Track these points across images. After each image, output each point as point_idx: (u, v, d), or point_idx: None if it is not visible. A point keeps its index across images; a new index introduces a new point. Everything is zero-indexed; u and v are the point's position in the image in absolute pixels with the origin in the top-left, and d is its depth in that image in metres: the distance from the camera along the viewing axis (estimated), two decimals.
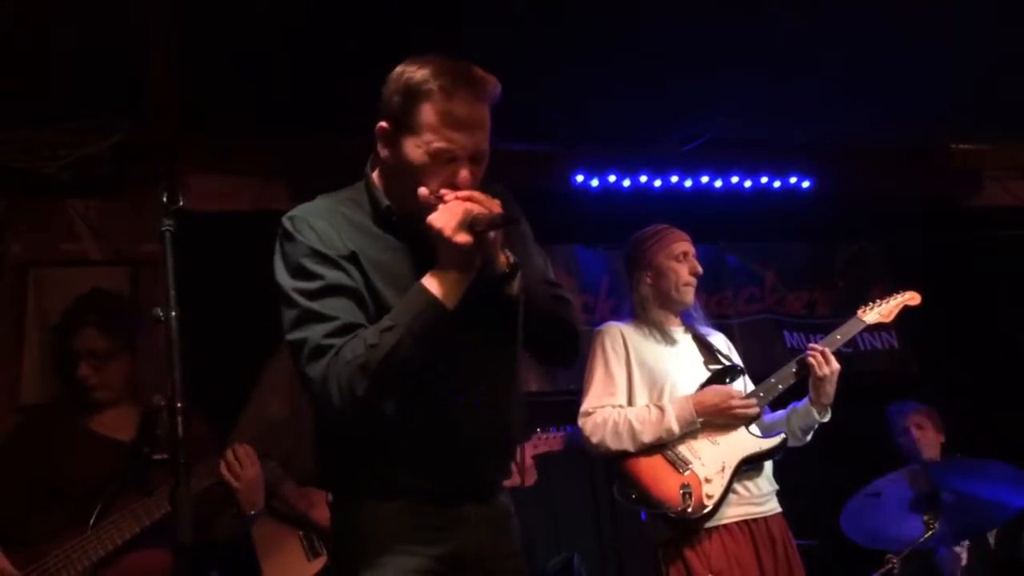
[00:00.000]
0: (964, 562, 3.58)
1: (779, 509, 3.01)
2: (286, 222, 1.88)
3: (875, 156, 4.80)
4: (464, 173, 1.82)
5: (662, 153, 4.70)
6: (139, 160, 3.92)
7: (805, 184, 4.91)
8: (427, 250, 1.82)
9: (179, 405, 1.68)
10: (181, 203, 1.80)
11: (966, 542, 3.58)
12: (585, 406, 3.04)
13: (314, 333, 1.76)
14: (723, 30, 3.57)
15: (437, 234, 1.75)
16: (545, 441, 3.66)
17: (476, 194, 1.79)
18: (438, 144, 1.80)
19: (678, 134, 4.58)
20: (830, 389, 3.02)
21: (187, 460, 1.65)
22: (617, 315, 3.50)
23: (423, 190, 1.81)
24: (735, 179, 4.85)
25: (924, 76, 4.07)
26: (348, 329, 1.76)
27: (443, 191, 1.80)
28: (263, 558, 3.16)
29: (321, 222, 1.86)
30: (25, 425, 2.99)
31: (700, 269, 3.18)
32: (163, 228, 1.79)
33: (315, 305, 1.78)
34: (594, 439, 2.97)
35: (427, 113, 1.80)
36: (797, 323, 4.95)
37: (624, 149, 4.64)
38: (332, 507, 2.02)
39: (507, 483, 3.21)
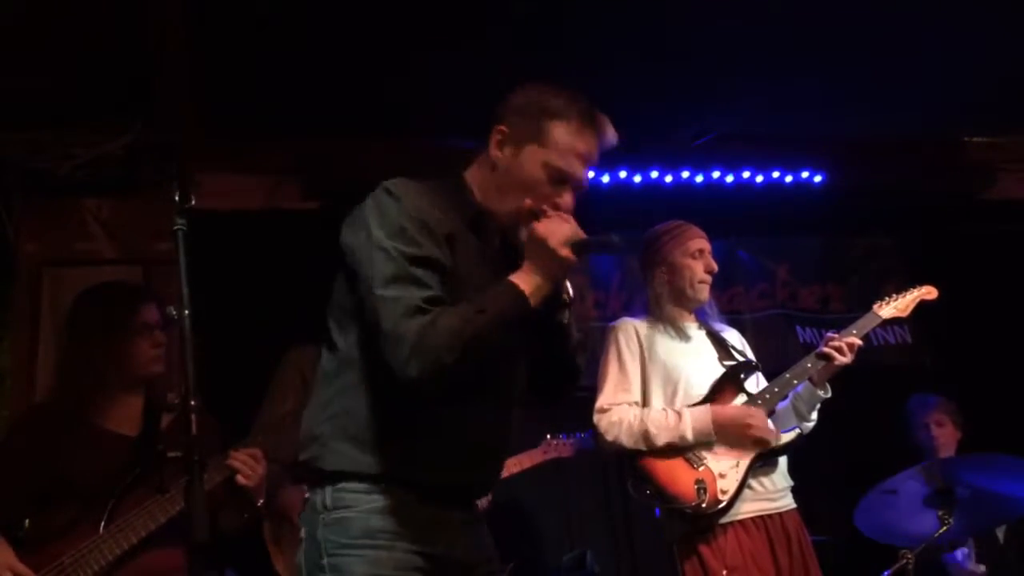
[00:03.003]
0: (983, 572, 3.59)
1: (794, 505, 3.00)
2: (390, 185, 1.90)
3: (888, 150, 4.76)
4: (568, 198, 1.94)
5: (673, 149, 4.69)
6: (151, 160, 3.93)
7: (817, 179, 4.89)
8: (502, 260, 1.92)
9: (193, 403, 1.68)
10: (193, 202, 1.81)
11: (983, 567, 3.60)
12: (600, 403, 3.03)
13: (412, 294, 1.77)
14: (734, 25, 3.56)
15: (541, 241, 1.83)
16: (555, 447, 3.64)
17: (573, 220, 1.89)
18: (559, 163, 1.91)
19: (689, 130, 4.56)
20: (834, 374, 3.03)
21: (201, 458, 1.66)
22: (628, 311, 3.48)
23: (528, 200, 1.90)
24: (746, 174, 4.82)
25: (937, 69, 4.04)
26: (441, 302, 1.80)
27: (546, 207, 1.90)
28: (275, 558, 3.18)
29: (425, 198, 1.90)
30: (28, 422, 2.96)
31: (715, 267, 3.16)
32: (176, 227, 1.80)
33: (414, 270, 1.80)
34: (608, 437, 2.96)
35: (559, 133, 1.91)
36: (810, 319, 4.92)
37: (635, 145, 4.63)
38: (321, 493, 1.87)
39: None
